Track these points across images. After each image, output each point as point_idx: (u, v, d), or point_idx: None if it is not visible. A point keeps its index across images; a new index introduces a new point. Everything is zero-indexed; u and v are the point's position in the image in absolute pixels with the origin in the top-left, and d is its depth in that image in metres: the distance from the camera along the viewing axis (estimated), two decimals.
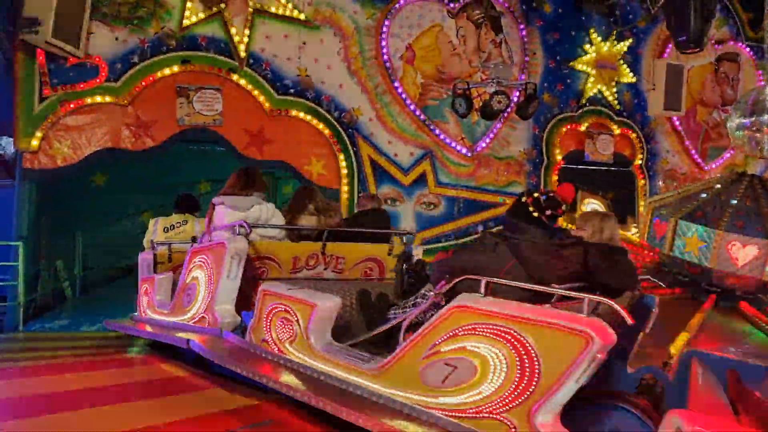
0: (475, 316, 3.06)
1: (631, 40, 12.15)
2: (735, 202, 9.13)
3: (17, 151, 8.22)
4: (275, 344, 4.06)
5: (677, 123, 12.94)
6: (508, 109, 10.08)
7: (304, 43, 9.36)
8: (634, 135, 12.42)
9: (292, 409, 3.66)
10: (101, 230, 11.13)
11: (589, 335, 2.72)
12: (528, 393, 2.86)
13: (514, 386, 2.91)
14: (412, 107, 10.13)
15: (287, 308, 4.02)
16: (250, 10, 8.95)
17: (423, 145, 10.25)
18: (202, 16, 8.70)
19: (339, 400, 3.38)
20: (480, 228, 10.60)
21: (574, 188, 3.99)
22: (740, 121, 9.50)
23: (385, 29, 9.89)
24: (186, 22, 8.62)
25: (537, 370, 2.86)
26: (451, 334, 3.13)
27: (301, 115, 9.31)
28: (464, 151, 10.57)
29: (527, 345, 2.88)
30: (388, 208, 9.77)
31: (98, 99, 8.23)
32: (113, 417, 3.53)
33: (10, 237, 8.07)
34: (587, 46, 11.74)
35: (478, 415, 3.00)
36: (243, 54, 8.91)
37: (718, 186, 9.77)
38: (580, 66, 11.68)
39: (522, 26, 11.07)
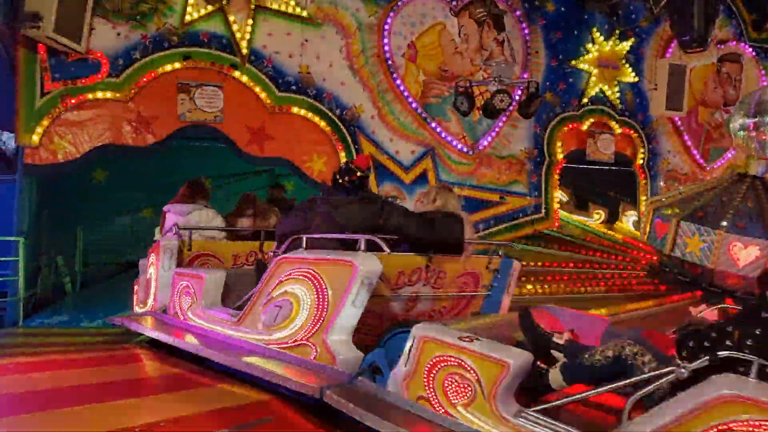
0: (291, 264, 3.95)
1: (633, 40, 12.14)
2: (736, 203, 9.14)
3: (18, 147, 8.21)
4: (182, 314, 5.08)
5: (679, 123, 12.93)
6: (510, 108, 10.07)
7: (306, 40, 9.34)
8: (635, 135, 12.41)
9: (294, 406, 3.65)
10: (102, 226, 11.13)
11: (353, 264, 3.59)
12: (322, 319, 3.72)
13: (314, 315, 3.77)
14: (413, 105, 10.11)
15: (188, 283, 5.05)
16: (252, 6, 8.92)
17: (424, 143, 10.23)
18: (203, 12, 8.68)
19: (216, 348, 4.29)
20: (481, 226, 10.59)
21: (369, 158, 5.92)
22: (743, 122, 9.50)
23: (387, 27, 9.86)
24: (188, 18, 8.59)
25: (326, 300, 3.72)
26: (278, 281, 4.03)
27: (303, 112, 9.29)
28: (466, 149, 10.56)
29: (321, 281, 3.76)
30: None
31: (99, 95, 8.20)
32: (113, 413, 3.51)
33: (10, 232, 8.07)
34: (589, 45, 11.72)
35: (295, 344, 3.85)
36: (245, 50, 8.89)
37: (720, 187, 9.77)
38: (582, 65, 11.67)
39: (524, 25, 11.04)
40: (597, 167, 12.27)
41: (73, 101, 8.06)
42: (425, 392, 3.12)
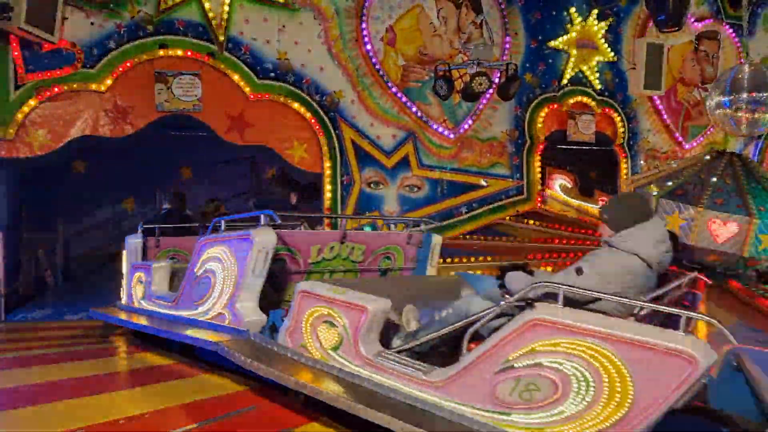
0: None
1: (611, 20, 12.15)
2: (714, 180, 9.22)
3: None
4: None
5: (658, 102, 13.00)
6: (490, 91, 10.07)
7: (284, 26, 9.26)
8: (615, 114, 12.46)
9: (277, 395, 3.68)
10: (83, 218, 11.04)
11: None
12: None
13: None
14: (393, 89, 10.07)
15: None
16: None
17: (405, 128, 10.22)
18: None
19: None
20: (463, 210, 10.62)
21: None
22: (719, 100, 9.55)
23: (365, 11, 9.80)
24: (162, 5, 8.48)
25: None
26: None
27: (282, 98, 9.24)
28: (447, 133, 10.55)
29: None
30: (372, 192, 9.78)
31: (75, 86, 8.11)
32: (99, 407, 3.53)
33: None
34: (568, 26, 11.72)
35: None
36: (221, 38, 8.80)
37: (699, 164, 9.85)
38: (561, 46, 11.67)
39: (503, 6, 11.01)
40: (578, 147, 12.32)
41: (48, 93, 7.95)
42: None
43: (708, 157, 10.00)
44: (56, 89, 8.01)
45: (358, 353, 3.30)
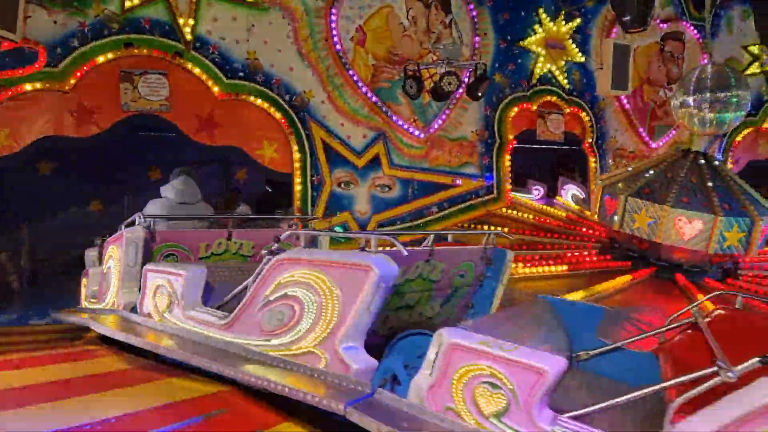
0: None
1: (579, 20, 12.31)
2: (680, 179, 9.40)
3: None
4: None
5: (625, 102, 13.21)
6: (459, 90, 10.12)
7: (253, 26, 9.18)
8: (584, 114, 12.63)
9: (248, 397, 3.65)
10: (49, 220, 10.82)
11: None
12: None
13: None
14: (364, 89, 10.06)
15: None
16: None
17: (376, 128, 10.21)
18: None
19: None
20: (434, 209, 10.66)
21: None
22: (683, 99, 9.75)
23: (334, 10, 9.77)
24: (128, 3, 8.33)
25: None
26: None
27: (252, 98, 9.16)
28: (417, 132, 10.58)
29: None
30: (342, 192, 9.77)
31: (38, 85, 7.93)
32: (65, 412, 3.46)
33: None
34: (537, 26, 11.84)
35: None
36: (189, 37, 8.70)
37: (665, 163, 10.04)
38: (530, 46, 11.78)
39: (472, 6, 11.08)
40: (547, 147, 12.46)
41: (9, 93, 7.77)
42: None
43: (674, 156, 10.20)
44: (18, 89, 7.84)
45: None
